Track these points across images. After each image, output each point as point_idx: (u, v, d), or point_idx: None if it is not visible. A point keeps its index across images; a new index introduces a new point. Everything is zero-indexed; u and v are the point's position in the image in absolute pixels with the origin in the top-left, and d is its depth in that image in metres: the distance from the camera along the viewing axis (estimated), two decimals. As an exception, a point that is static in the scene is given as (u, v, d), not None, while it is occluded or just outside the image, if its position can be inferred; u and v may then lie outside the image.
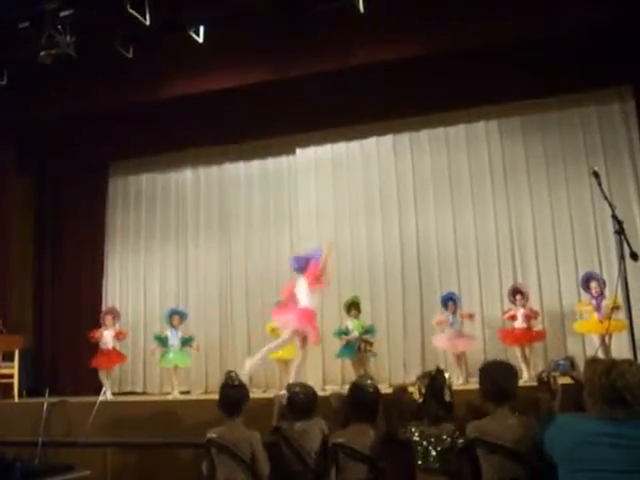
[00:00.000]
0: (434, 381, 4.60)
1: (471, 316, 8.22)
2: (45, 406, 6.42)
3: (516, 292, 8.04)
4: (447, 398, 4.53)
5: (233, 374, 5.19)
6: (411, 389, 4.84)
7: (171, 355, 8.41)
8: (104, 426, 6.33)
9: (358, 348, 7.99)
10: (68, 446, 6.14)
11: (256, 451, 4.76)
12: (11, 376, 8.48)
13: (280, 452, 5.00)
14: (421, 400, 4.58)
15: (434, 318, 8.32)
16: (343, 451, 4.63)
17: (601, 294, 7.54)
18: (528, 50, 7.87)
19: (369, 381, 5.07)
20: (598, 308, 7.49)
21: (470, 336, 8.14)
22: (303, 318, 7.07)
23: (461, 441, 4.28)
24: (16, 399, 8.36)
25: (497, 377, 4.19)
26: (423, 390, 4.58)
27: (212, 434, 4.85)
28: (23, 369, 8.72)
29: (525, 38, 7.60)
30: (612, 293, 6.65)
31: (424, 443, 4.36)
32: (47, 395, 6.67)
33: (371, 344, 8.10)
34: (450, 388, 4.62)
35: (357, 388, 4.96)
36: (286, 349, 8.36)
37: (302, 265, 7.45)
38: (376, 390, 4.97)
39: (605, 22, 7.38)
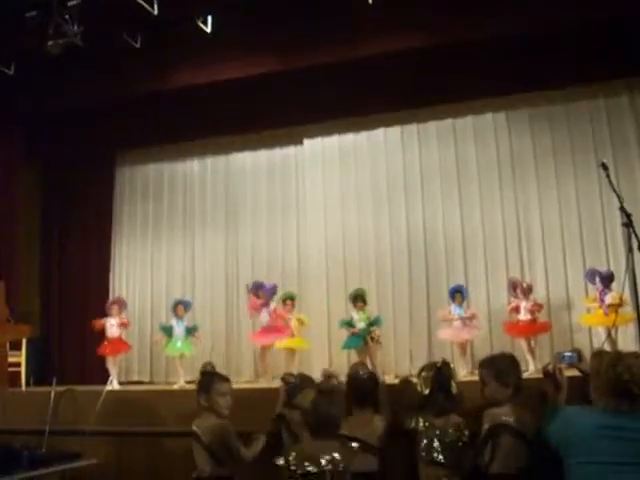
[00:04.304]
0: (440, 373, 4.57)
1: (473, 316, 8.23)
2: (52, 395, 6.43)
3: (515, 286, 8.05)
4: (454, 390, 4.53)
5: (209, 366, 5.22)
6: (414, 380, 4.83)
7: (179, 344, 8.45)
8: (111, 415, 6.34)
9: (371, 338, 7.98)
10: (75, 434, 6.14)
11: (228, 440, 4.71)
12: (18, 365, 8.54)
13: (280, 441, 5.00)
14: (427, 392, 4.56)
15: (439, 312, 8.35)
16: (348, 442, 4.62)
17: (607, 286, 7.55)
18: (536, 42, 7.83)
19: (362, 368, 5.06)
20: (601, 299, 7.50)
21: (474, 326, 8.15)
22: None
23: (466, 433, 4.28)
24: (23, 388, 8.42)
25: (503, 370, 4.20)
26: (429, 382, 4.56)
27: (193, 426, 4.85)
28: (30, 358, 8.78)
29: (533, 30, 7.56)
30: (620, 286, 6.62)
31: (429, 435, 4.36)
32: (54, 384, 6.67)
33: (379, 336, 8.10)
34: (455, 380, 4.62)
35: (351, 378, 4.95)
36: (294, 339, 8.41)
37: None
38: (370, 377, 4.95)
39: (614, 14, 7.34)
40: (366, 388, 4.83)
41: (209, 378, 5.03)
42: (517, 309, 7.90)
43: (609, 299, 7.40)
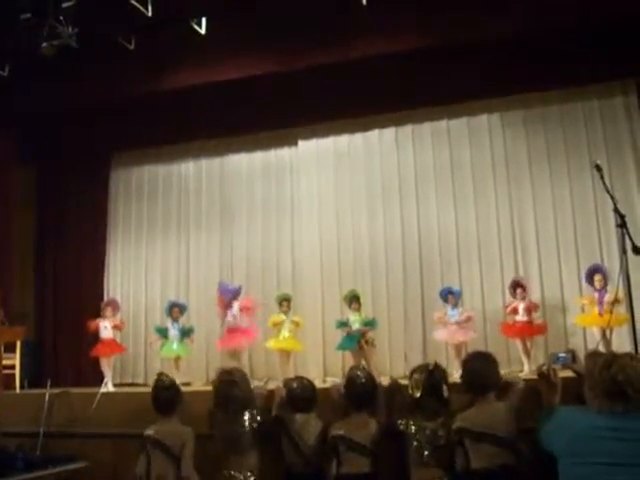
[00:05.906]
0: (432, 376, 4.58)
1: (469, 319, 8.19)
2: (47, 397, 6.43)
3: (517, 286, 8.04)
4: (445, 394, 4.53)
5: (164, 376, 5.24)
6: (404, 382, 4.84)
7: (174, 346, 8.44)
8: (105, 417, 6.34)
9: (365, 341, 7.97)
10: (70, 437, 6.15)
11: (185, 446, 4.75)
12: (13, 367, 8.50)
13: (277, 443, 5.00)
14: (418, 394, 4.56)
15: (435, 314, 8.32)
16: (343, 443, 4.63)
17: (604, 287, 7.55)
18: (530, 43, 7.84)
19: (361, 371, 5.07)
20: (600, 301, 7.48)
21: (469, 328, 8.13)
22: None
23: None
24: (18, 390, 8.38)
25: (476, 367, 4.22)
26: (420, 385, 4.57)
27: (149, 431, 4.85)
28: (25, 360, 8.74)
29: (527, 31, 7.58)
30: (614, 287, 6.64)
31: (420, 438, 4.37)
32: (49, 386, 6.68)
33: (372, 339, 8.09)
34: (447, 383, 4.62)
35: (350, 380, 4.96)
36: (289, 340, 8.39)
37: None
38: (369, 379, 4.96)
39: (609, 16, 7.36)
40: (364, 391, 4.84)
41: (178, 389, 5.12)
42: (515, 310, 7.89)
43: (607, 301, 7.39)
